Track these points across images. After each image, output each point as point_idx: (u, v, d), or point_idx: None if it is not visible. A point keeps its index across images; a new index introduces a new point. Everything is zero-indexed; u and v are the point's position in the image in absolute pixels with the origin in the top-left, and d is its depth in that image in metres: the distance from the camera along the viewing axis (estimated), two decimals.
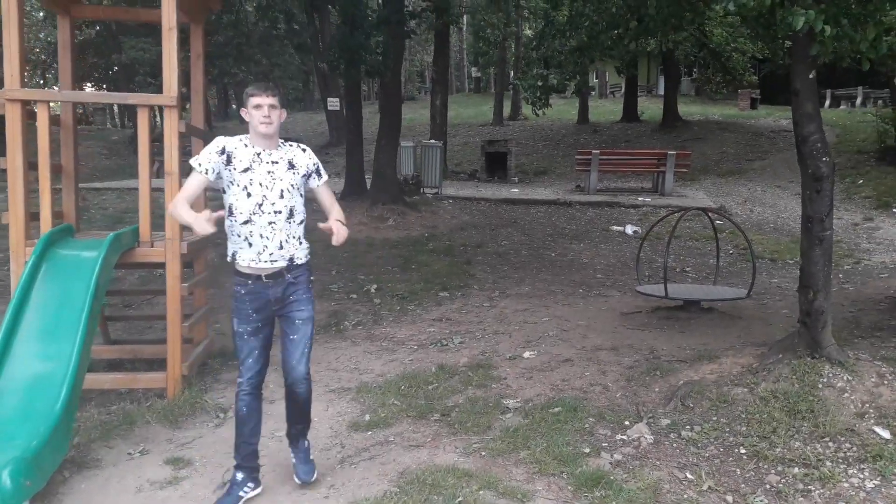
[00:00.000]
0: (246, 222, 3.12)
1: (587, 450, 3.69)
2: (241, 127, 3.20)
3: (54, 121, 4.86)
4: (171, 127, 4.53)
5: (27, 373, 3.55)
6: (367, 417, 4.26)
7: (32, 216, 4.53)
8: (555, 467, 3.48)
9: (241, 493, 3.27)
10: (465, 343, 5.82)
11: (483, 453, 3.71)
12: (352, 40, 9.08)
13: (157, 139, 5.47)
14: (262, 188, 3.12)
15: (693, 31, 8.13)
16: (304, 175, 3.26)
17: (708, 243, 9.96)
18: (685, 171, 14.40)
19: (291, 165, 3.21)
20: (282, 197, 3.15)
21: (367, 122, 13.34)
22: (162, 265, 5.37)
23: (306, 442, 3.51)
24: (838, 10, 3.52)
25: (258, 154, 3.14)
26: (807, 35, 3.52)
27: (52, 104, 4.77)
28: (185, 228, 4.76)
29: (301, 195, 3.27)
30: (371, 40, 9.51)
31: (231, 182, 3.12)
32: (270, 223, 3.13)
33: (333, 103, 19.47)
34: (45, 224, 4.44)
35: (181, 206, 3.00)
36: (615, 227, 11.37)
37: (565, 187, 15.06)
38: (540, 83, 5.93)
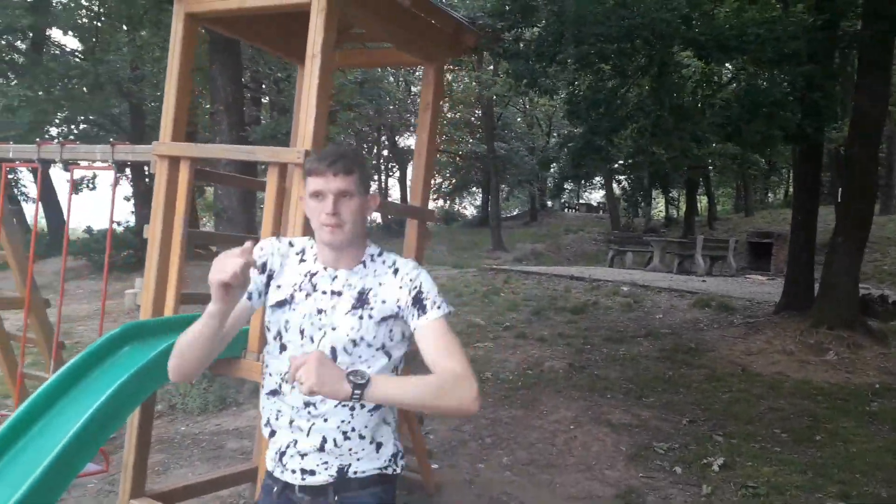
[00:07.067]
0: (272, 393, 1.75)
1: None
2: None
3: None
4: (297, 192, 3.22)
5: None
6: None
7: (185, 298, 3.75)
8: None
9: None
10: None
11: None
12: (761, 95, 6.30)
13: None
14: (301, 339, 1.70)
15: None
16: (391, 317, 1.69)
17: None
18: None
19: (363, 300, 1.69)
20: (333, 359, 1.63)
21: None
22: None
23: None
24: None
25: (312, 276, 1.73)
26: None
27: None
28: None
29: (389, 355, 1.71)
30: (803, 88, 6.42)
31: (267, 322, 1.77)
32: (307, 406, 1.68)
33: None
34: (169, 308, 3.59)
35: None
36: None
37: None
38: None
